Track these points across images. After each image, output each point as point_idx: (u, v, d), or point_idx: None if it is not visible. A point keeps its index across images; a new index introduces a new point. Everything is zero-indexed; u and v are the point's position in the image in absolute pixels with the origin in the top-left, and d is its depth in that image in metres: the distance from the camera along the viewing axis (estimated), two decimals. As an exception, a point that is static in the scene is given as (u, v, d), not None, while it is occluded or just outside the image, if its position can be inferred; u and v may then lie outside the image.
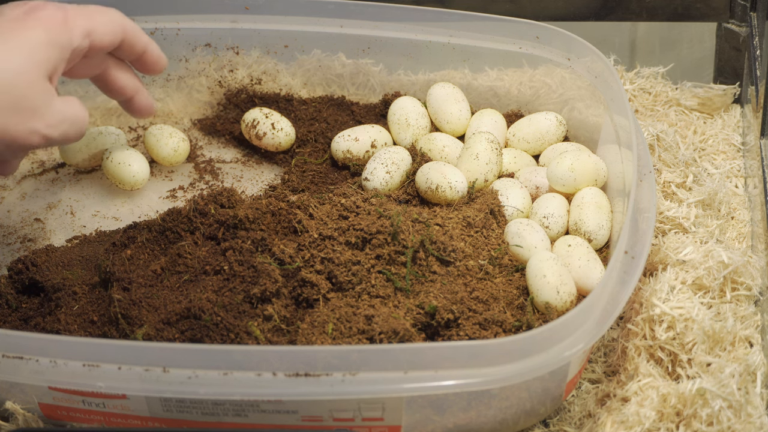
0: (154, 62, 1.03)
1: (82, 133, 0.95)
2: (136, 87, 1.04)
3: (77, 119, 0.94)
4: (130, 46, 1.00)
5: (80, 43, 0.94)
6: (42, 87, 0.91)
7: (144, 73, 1.05)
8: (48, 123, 0.91)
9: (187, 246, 0.97)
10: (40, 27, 0.91)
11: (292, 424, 0.89)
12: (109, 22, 0.97)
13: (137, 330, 0.92)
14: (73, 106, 0.94)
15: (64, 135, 0.93)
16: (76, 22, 0.94)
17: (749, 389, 0.92)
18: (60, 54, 0.92)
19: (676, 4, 1.27)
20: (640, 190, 0.98)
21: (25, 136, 0.90)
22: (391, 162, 1.08)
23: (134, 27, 1.00)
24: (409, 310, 0.93)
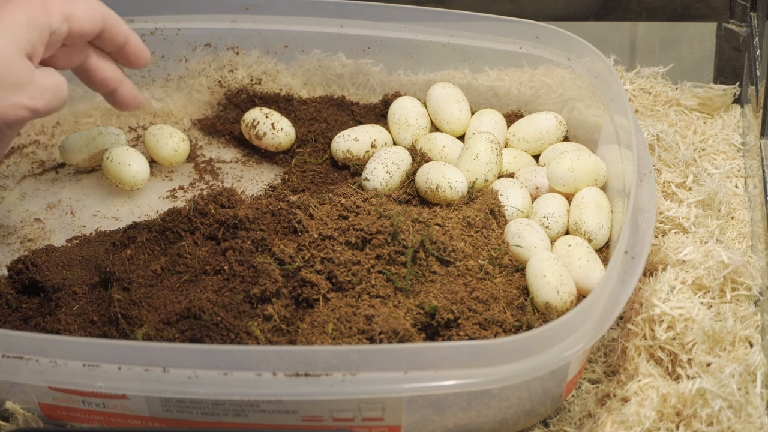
0: (136, 54, 1.04)
1: (65, 100, 0.96)
2: (118, 79, 1.04)
3: (58, 88, 0.95)
4: (110, 35, 1.01)
5: (59, 27, 0.95)
6: (22, 63, 0.92)
7: (127, 67, 1.05)
8: (31, 95, 0.92)
9: (187, 246, 0.97)
10: (20, 11, 0.93)
11: (292, 424, 0.89)
12: (89, 8, 0.98)
13: (137, 330, 0.92)
14: (53, 76, 0.95)
15: (48, 105, 0.94)
16: (55, 5, 0.95)
17: (749, 389, 0.92)
18: (39, 35, 0.94)
19: (676, 4, 1.27)
20: (640, 190, 0.98)
21: (10, 110, 0.92)
22: (391, 162, 1.08)
23: (114, 16, 1.01)
24: (409, 310, 0.93)
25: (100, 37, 1.00)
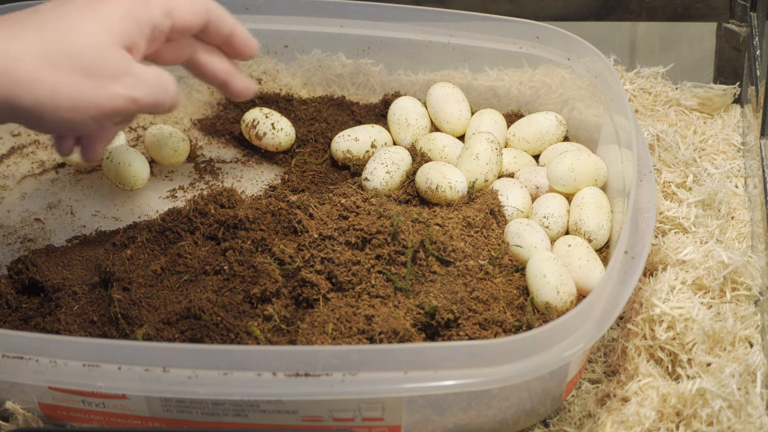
0: (243, 45, 1.01)
1: (173, 95, 0.94)
2: (228, 71, 1.02)
3: (161, 80, 0.93)
4: (215, 28, 0.98)
5: (160, 21, 0.93)
6: (118, 54, 0.90)
7: (235, 58, 1.02)
8: (128, 84, 0.90)
9: (187, 246, 0.97)
10: (118, 2, 0.91)
11: (292, 424, 0.89)
12: (191, 2, 0.96)
13: (137, 330, 0.92)
14: (156, 70, 0.93)
15: (150, 95, 0.92)
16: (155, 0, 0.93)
17: (749, 389, 0.92)
18: (138, 28, 0.92)
19: (676, 4, 1.27)
20: (640, 190, 0.98)
21: (105, 100, 0.89)
22: (391, 162, 1.08)
23: (219, 9, 0.98)
24: (409, 310, 0.93)
25: (206, 31, 0.98)
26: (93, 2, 0.91)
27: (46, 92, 0.87)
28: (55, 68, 0.87)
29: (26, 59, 0.87)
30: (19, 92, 0.87)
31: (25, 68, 0.86)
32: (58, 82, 0.87)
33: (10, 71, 0.86)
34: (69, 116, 0.89)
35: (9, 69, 0.86)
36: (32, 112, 0.88)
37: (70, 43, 0.88)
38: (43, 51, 0.87)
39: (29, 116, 0.89)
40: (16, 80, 0.86)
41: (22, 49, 0.87)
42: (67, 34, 0.88)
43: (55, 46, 0.88)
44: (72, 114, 0.89)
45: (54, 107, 0.88)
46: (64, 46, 0.88)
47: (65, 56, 0.88)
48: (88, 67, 0.88)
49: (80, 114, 0.89)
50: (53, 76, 0.87)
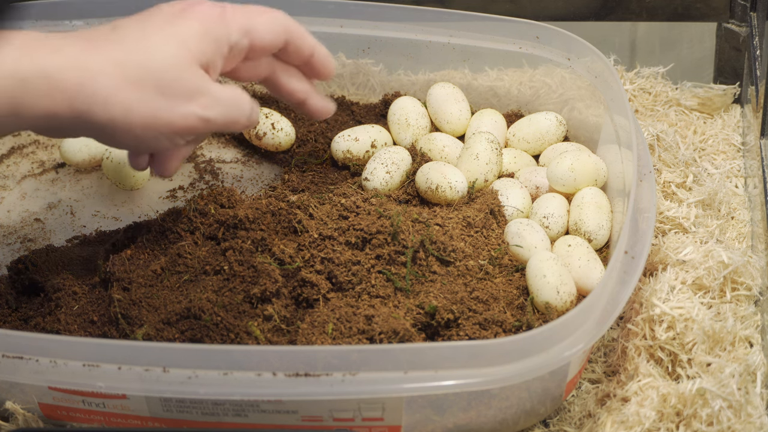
0: (322, 66, 1.00)
1: (248, 114, 0.94)
2: (306, 91, 1.01)
3: (237, 100, 0.92)
4: (295, 48, 0.97)
5: (238, 40, 0.93)
6: (194, 73, 0.90)
7: (313, 78, 1.01)
8: (203, 104, 0.90)
9: (187, 246, 0.97)
10: (195, 20, 0.91)
11: (292, 424, 0.89)
12: (270, 21, 0.95)
13: (137, 330, 0.92)
14: (232, 89, 0.93)
15: (224, 116, 0.92)
16: (234, 19, 0.93)
17: (749, 389, 0.92)
18: (215, 47, 0.91)
19: (676, 4, 1.27)
20: (640, 190, 0.98)
21: (178, 119, 0.89)
22: (391, 162, 1.08)
23: (299, 29, 0.97)
24: (409, 310, 0.93)
25: (285, 51, 0.97)
26: (172, 20, 0.90)
27: (120, 109, 0.87)
28: (131, 86, 0.87)
29: (104, 75, 0.86)
30: (95, 108, 0.87)
31: (101, 84, 0.86)
32: (133, 99, 0.87)
33: (87, 86, 0.86)
34: (142, 134, 0.89)
35: (86, 84, 0.86)
36: (105, 128, 0.88)
37: (148, 61, 0.88)
38: (120, 68, 0.87)
39: (102, 132, 0.89)
40: (92, 96, 0.86)
41: (101, 64, 0.86)
42: (145, 52, 0.88)
43: (132, 64, 0.87)
44: (145, 132, 0.89)
45: (127, 124, 0.88)
46: (141, 63, 0.88)
47: (142, 74, 0.88)
48: (163, 86, 0.88)
49: (153, 132, 0.89)
50: (129, 94, 0.87)
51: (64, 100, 0.86)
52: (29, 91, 0.85)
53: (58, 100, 0.86)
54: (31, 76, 0.84)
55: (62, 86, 0.85)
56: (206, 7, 0.92)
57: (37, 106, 0.85)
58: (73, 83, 0.86)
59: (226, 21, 0.92)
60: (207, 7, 0.92)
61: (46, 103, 0.85)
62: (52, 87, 0.85)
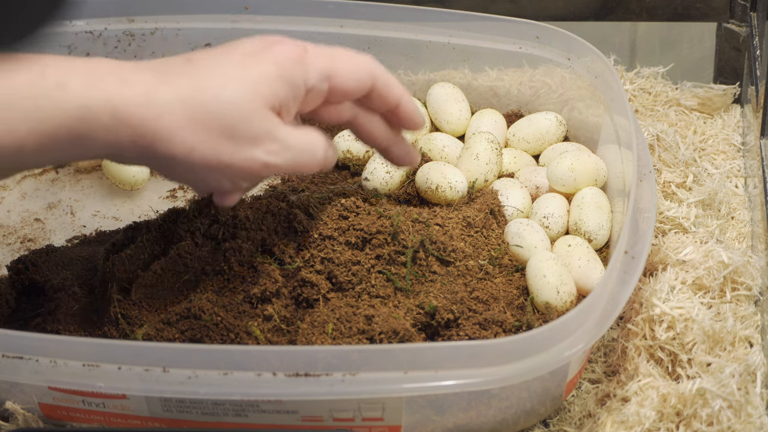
0: (408, 119, 0.95)
1: (320, 161, 0.90)
2: (390, 140, 0.97)
3: (310, 145, 0.89)
4: (380, 97, 0.93)
5: (317, 84, 0.89)
6: (263, 116, 0.86)
7: (398, 127, 0.97)
8: (269, 150, 0.87)
9: (187, 246, 0.97)
10: (271, 61, 0.87)
11: (292, 424, 0.89)
12: (355, 68, 0.91)
13: (137, 330, 0.92)
14: (306, 134, 0.89)
15: (292, 162, 0.88)
16: (315, 62, 0.89)
17: (749, 389, 0.92)
18: (290, 90, 0.87)
19: (676, 4, 1.27)
20: (640, 190, 0.98)
21: (242, 164, 0.87)
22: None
23: (387, 78, 0.93)
24: (409, 310, 0.93)
25: (369, 98, 0.93)
26: (247, 59, 0.87)
27: (183, 149, 0.85)
28: (196, 125, 0.85)
29: (169, 114, 0.84)
30: (157, 144, 0.84)
31: (166, 122, 0.84)
32: (196, 140, 0.85)
33: (151, 123, 0.84)
34: (203, 175, 0.87)
35: (152, 118, 0.84)
36: (167, 164, 0.86)
37: (215, 101, 0.85)
38: (187, 106, 0.84)
39: (164, 167, 0.87)
40: (155, 131, 0.84)
41: (167, 101, 0.84)
42: (215, 91, 0.85)
43: (199, 103, 0.85)
44: (207, 173, 0.87)
45: (189, 164, 0.86)
46: (208, 103, 0.85)
47: (209, 114, 0.85)
48: (230, 129, 0.85)
49: (215, 174, 0.87)
50: (192, 134, 0.85)
51: (127, 134, 0.83)
52: (93, 123, 0.82)
53: (122, 134, 0.83)
54: (97, 108, 0.82)
55: (127, 121, 0.83)
56: (287, 47, 0.88)
57: (100, 138, 0.83)
58: (137, 118, 0.83)
59: (306, 64, 0.88)
60: (287, 48, 0.88)
61: (110, 136, 0.83)
62: (116, 120, 0.83)
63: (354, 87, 0.91)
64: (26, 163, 0.85)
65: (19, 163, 0.84)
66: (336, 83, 0.90)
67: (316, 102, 0.91)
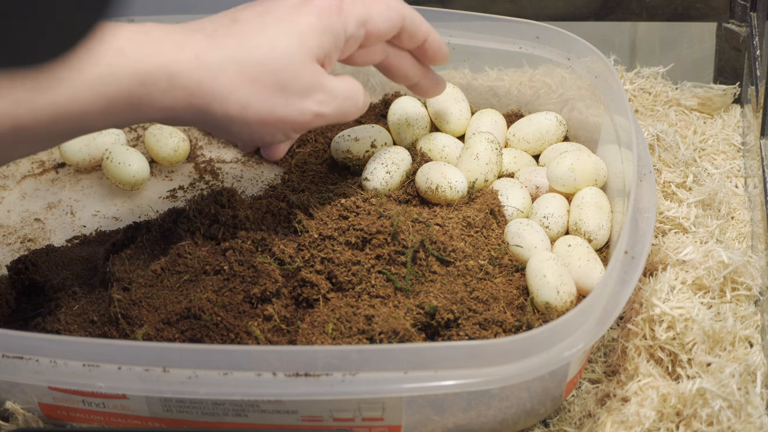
0: (435, 52, 1.01)
1: (361, 107, 0.96)
2: (419, 73, 1.02)
3: (352, 93, 0.94)
4: (409, 35, 0.98)
5: (355, 32, 0.94)
6: (311, 69, 0.91)
7: (425, 63, 1.03)
8: (319, 100, 0.92)
9: (187, 246, 0.97)
10: (314, 14, 0.91)
11: (292, 424, 0.89)
12: (387, 10, 0.96)
13: (137, 330, 0.92)
14: (347, 82, 0.94)
15: (339, 110, 0.93)
16: (352, 11, 0.93)
17: (749, 389, 0.92)
18: (332, 41, 0.92)
19: (676, 4, 1.27)
20: (640, 190, 0.98)
21: (295, 116, 0.91)
22: (391, 162, 1.08)
23: (415, 16, 0.98)
24: (409, 310, 0.93)
25: (399, 37, 0.98)
26: (291, 13, 0.91)
27: (237, 107, 0.88)
28: (249, 82, 0.88)
29: (222, 73, 0.87)
30: (213, 105, 0.88)
31: (220, 82, 0.87)
32: (250, 97, 0.88)
33: (206, 84, 0.87)
34: (258, 129, 0.90)
35: (206, 79, 0.87)
36: (222, 123, 0.89)
37: (265, 57, 0.89)
38: (239, 65, 0.88)
39: (219, 126, 0.90)
40: (210, 93, 0.87)
41: (220, 62, 0.87)
42: (263, 49, 0.89)
43: (250, 61, 0.88)
44: (261, 128, 0.90)
45: (244, 120, 0.89)
46: (259, 60, 0.89)
47: (261, 71, 0.89)
48: (281, 83, 0.89)
49: (269, 128, 0.91)
50: (246, 92, 0.88)
51: (183, 97, 0.87)
52: (151, 89, 0.85)
53: (178, 96, 0.86)
54: (155, 74, 0.85)
55: (183, 84, 0.86)
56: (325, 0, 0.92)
57: (157, 102, 0.86)
58: (193, 81, 0.86)
59: (344, 13, 0.93)
60: (326, 0, 0.92)
61: (166, 100, 0.86)
62: (173, 85, 0.86)
63: (387, 29, 0.96)
64: (88, 128, 0.87)
65: (82, 129, 0.87)
66: (371, 28, 0.95)
67: (353, 48, 0.95)
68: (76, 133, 0.88)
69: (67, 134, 0.87)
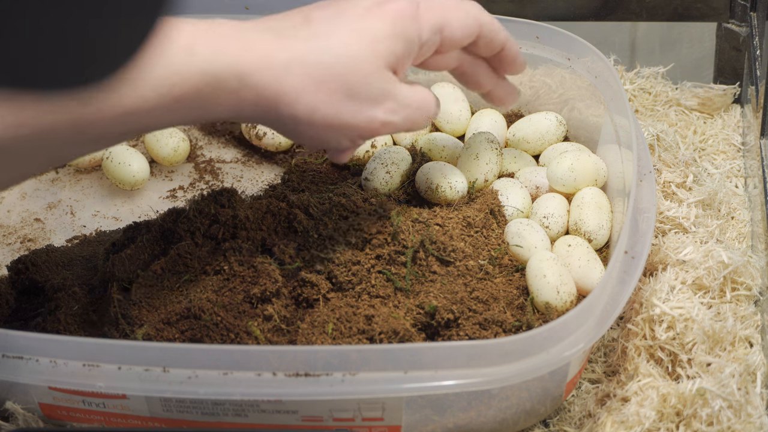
0: (511, 62, 0.99)
1: (432, 115, 0.93)
2: (493, 81, 1.00)
3: (423, 103, 0.91)
4: (486, 43, 0.96)
5: (430, 38, 0.91)
6: (382, 76, 0.88)
7: (500, 72, 1.00)
8: (388, 108, 0.89)
9: (187, 246, 0.97)
10: (388, 19, 0.88)
11: (292, 424, 0.89)
12: (464, 16, 0.93)
13: (137, 330, 0.92)
14: (419, 91, 0.91)
15: (408, 119, 0.91)
16: (428, 17, 0.90)
17: (749, 389, 0.92)
18: (406, 47, 0.90)
19: (676, 4, 1.27)
20: (640, 190, 0.98)
21: (362, 123, 0.89)
22: (391, 162, 1.08)
23: (492, 23, 0.95)
24: (409, 310, 0.93)
25: (475, 44, 0.96)
26: (364, 17, 0.89)
27: (305, 109, 0.86)
28: (318, 86, 0.86)
29: (291, 76, 0.86)
30: (280, 106, 0.86)
31: (289, 84, 0.85)
32: (318, 101, 0.87)
33: (276, 82, 0.85)
34: (324, 133, 0.89)
35: (276, 80, 0.85)
36: (288, 124, 0.88)
37: (336, 62, 0.87)
38: (308, 68, 0.86)
39: (283, 127, 0.88)
40: (278, 93, 0.85)
41: (289, 64, 0.86)
42: (335, 52, 0.87)
43: (321, 65, 0.86)
44: (326, 132, 0.88)
45: (310, 123, 0.87)
46: (330, 65, 0.87)
47: (330, 75, 0.87)
48: (351, 89, 0.87)
49: (334, 133, 0.89)
50: (315, 95, 0.86)
51: (251, 97, 0.85)
52: (219, 89, 0.84)
53: (245, 96, 0.85)
54: (223, 75, 0.84)
55: (251, 84, 0.84)
56: (401, 5, 0.90)
57: (224, 100, 0.85)
58: (261, 82, 0.85)
59: (420, 19, 0.90)
60: (402, 5, 0.90)
61: (233, 99, 0.85)
62: (241, 85, 0.84)
63: (464, 36, 0.93)
64: (151, 127, 0.87)
65: (145, 128, 0.86)
66: (447, 35, 0.92)
67: (426, 54, 0.93)
68: (138, 132, 0.86)
69: (128, 133, 0.85)
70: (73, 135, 0.80)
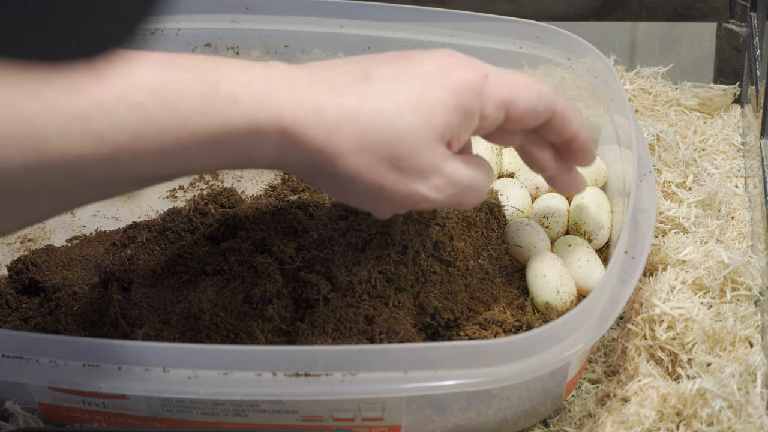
0: (580, 152, 0.92)
1: (481, 197, 0.87)
2: (558, 167, 0.93)
3: (474, 182, 0.85)
4: (555, 129, 0.89)
5: (492, 113, 0.85)
6: (432, 149, 0.83)
7: (566, 160, 0.93)
8: (434, 185, 0.84)
9: (187, 246, 0.97)
10: (450, 89, 0.83)
11: (292, 424, 0.89)
12: (535, 100, 0.86)
13: (137, 330, 0.92)
14: (472, 169, 0.85)
15: (453, 199, 0.85)
16: (495, 92, 0.85)
17: (749, 389, 0.92)
18: (465, 121, 0.84)
19: (676, 4, 1.27)
20: (640, 190, 0.98)
21: (403, 195, 0.83)
22: (391, 162, 1.08)
23: (565, 110, 0.88)
24: (409, 310, 0.93)
25: (544, 128, 0.89)
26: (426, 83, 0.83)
27: (347, 171, 0.82)
28: (363, 149, 0.81)
29: (339, 133, 0.81)
30: (321, 162, 0.81)
31: (335, 141, 0.81)
32: (361, 164, 0.82)
33: (321, 139, 0.80)
34: (362, 196, 0.84)
35: (321, 137, 0.80)
36: (328, 180, 0.83)
37: (388, 128, 0.82)
38: (358, 129, 0.81)
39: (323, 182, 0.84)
40: (323, 150, 0.81)
41: (340, 120, 0.81)
42: (387, 117, 0.82)
43: (372, 127, 0.81)
44: (365, 195, 0.84)
45: (350, 185, 0.83)
46: (381, 129, 0.81)
47: (378, 140, 0.81)
48: (397, 159, 0.82)
49: (373, 198, 0.84)
50: (358, 158, 0.81)
51: (294, 152, 0.81)
52: (261, 139, 0.80)
53: (289, 150, 0.81)
54: (266, 126, 0.79)
55: (295, 140, 0.80)
56: (468, 74, 0.84)
57: (266, 152, 0.81)
58: (307, 138, 0.80)
59: (485, 93, 0.84)
60: (468, 76, 0.84)
61: (275, 151, 0.81)
62: (285, 138, 0.80)
63: (530, 119, 0.87)
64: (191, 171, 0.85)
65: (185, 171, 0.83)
66: (513, 113, 0.86)
67: (488, 129, 0.87)
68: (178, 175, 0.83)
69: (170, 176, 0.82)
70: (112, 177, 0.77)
